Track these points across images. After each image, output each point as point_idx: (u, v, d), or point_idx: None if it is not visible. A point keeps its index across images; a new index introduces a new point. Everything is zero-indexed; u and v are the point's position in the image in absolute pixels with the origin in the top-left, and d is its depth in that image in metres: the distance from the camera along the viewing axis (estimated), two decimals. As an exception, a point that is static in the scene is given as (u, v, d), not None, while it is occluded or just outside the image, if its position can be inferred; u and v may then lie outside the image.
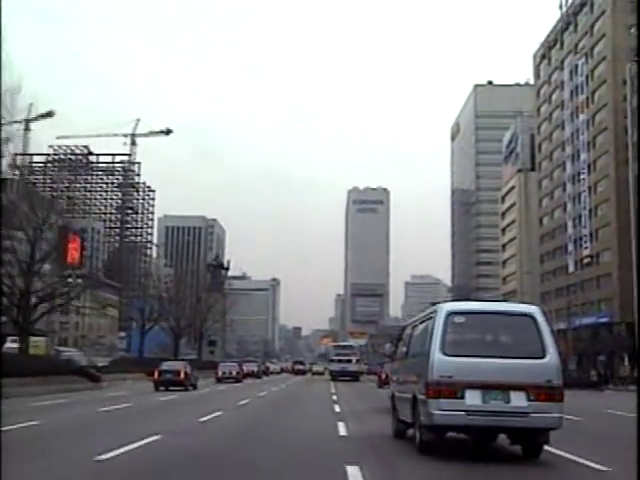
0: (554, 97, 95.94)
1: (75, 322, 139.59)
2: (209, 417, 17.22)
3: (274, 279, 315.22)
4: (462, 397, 9.74)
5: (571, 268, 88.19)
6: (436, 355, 9.99)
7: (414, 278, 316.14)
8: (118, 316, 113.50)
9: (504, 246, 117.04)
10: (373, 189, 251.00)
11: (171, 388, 34.16)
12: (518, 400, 9.77)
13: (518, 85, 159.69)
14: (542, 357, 9.99)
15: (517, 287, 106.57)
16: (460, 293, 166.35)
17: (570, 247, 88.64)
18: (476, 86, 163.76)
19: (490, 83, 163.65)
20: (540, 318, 10.37)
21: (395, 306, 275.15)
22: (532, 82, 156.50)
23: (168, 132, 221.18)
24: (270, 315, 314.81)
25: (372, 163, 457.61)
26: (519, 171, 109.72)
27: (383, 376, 42.30)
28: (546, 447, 10.41)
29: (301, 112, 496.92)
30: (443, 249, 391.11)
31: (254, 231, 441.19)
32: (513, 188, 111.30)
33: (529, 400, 9.77)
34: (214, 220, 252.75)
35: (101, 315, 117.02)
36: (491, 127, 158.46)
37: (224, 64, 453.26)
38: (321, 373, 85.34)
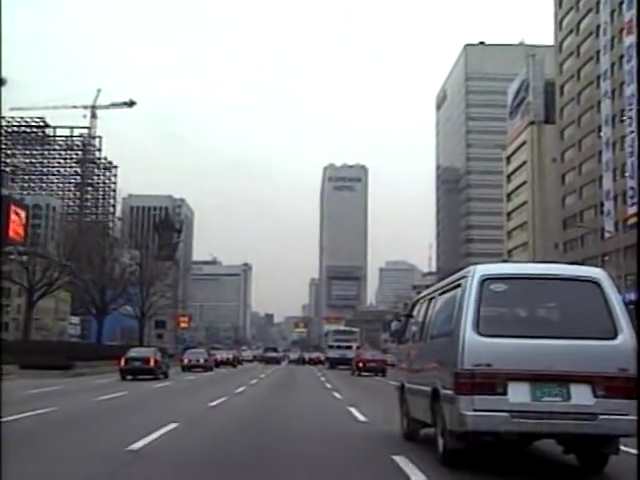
0: (584, 25, 75.71)
1: (17, 305, 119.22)
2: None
3: (245, 264, 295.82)
4: (504, 393, 7.01)
5: (609, 232, 68.11)
6: (467, 336, 7.20)
7: (388, 264, 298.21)
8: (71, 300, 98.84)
9: (509, 214, 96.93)
10: (350, 166, 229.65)
11: (140, 377, 31.03)
12: (581, 396, 7.02)
13: (512, 45, 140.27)
14: (613, 337, 7.16)
15: (530, 260, 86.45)
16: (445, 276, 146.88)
17: (608, 205, 68.52)
18: (466, 46, 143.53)
19: (482, 44, 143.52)
20: (607, 284, 7.42)
21: (369, 293, 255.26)
22: (527, 42, 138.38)
23: (131, 104, 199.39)
24: (241, 301, 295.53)
25: (350, 139, 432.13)
26: (531, 123, 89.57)
27: (361, 363, 40.28)
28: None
29: (274, 90, 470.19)
30: (420, 232, 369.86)
31: (225, 214, 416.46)
32: (523, 144, 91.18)
33: (596, 396, 7.00)
34: (182, 200, 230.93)
35: (48, 298, 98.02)
36: (483, 91, 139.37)
37: (196, 47, 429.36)
38: (296, 361, 75.77)
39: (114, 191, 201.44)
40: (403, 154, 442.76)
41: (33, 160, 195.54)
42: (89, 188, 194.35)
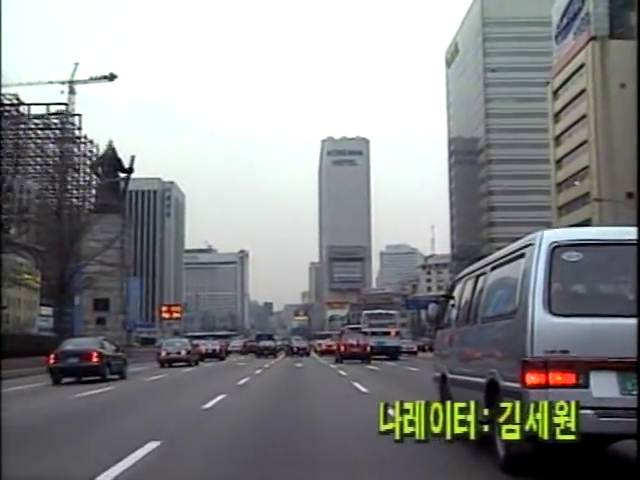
0: None
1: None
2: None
3: (242, 251, 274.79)
4: (586, 385, 5.38)
5: None
6: (537, 316, 5.54)
7: (389, 248, 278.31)
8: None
9: (559, 162, 74.81)
10: (351, 139, 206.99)
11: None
12: None
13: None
14: None
15: (593, 216, 64.65)
16: (462, 253, 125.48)
17: None
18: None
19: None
20: None
21: (373, 276, 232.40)
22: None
23: (112, 77, 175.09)
24: (239, 290, 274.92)
25: (349, 109, 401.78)
26: (592, 39, 67.32)
27: (343, 348, 37.00)
28: None
29: (268, 62, 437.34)
30: (421, 214, 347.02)
31: (219, 201, 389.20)
32: (579, 70, 68.97)
33: None
34: (171, 183, 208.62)
35: (10, 286, 79.92)
36: (503, 38, 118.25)
37: (184, 24, 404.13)
38: (304, 349, 56.19)
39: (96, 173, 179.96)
40: (407, 123, 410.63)
41: (7, 141, 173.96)
42: (68, 169, 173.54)
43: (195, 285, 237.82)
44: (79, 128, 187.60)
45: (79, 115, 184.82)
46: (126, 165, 54.29)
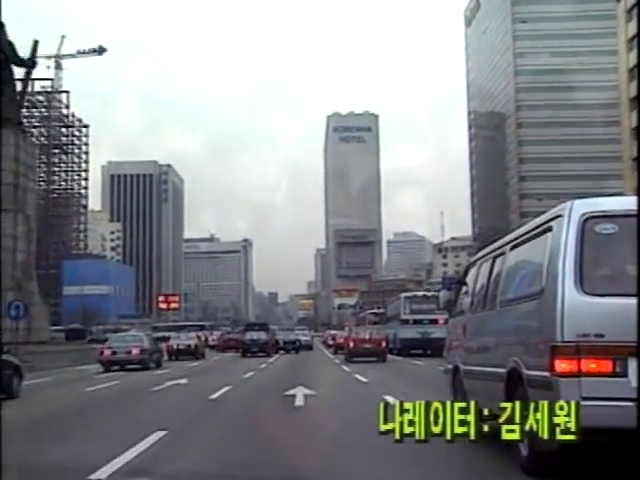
0: None
1: None
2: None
3: (245, 240, 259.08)
4: (624, 374, 4.76)
5: None
6: (568, 295, 4.89)
7: (396, 236, 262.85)
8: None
9: (633, 100, 57.43)
10: (358, 114, 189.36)
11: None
12: None
13: None
14: None
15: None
16: (486, 232, 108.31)
17: None
18: None
19: None
20: None
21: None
22: None
23: (101, 51, 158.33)
24: (243, 280, 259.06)
25: (356, 82, 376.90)
26: None
27: (352, 344, 29.19)
28: None
29: (267, 29, 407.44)
30: (433, 199, 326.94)
31: (221, 188, 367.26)
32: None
33: None
34: (168, 166, 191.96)
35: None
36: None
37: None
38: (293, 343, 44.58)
39: (86, 153, 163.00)
40: (420, 96, 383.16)
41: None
42: (55, 150, 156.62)
43: (197, 275, 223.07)
44: (67, 106, 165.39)
45: (67, 92, 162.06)
46: (25, 56, 35.31)
